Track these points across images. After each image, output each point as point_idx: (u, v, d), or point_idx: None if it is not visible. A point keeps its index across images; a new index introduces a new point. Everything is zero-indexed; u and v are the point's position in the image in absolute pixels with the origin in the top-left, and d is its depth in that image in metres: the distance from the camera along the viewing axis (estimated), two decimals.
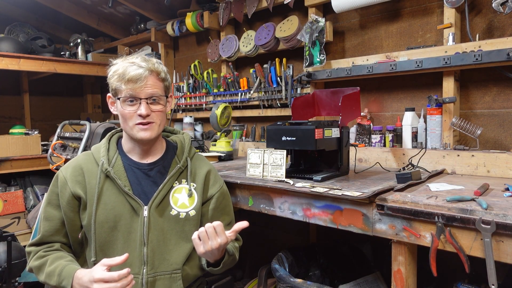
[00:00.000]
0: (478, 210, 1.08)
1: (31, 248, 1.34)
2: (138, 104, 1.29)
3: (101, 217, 1.29)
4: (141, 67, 1.27)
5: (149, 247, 1.29)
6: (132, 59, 1.30)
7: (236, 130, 2.82)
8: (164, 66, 1.37)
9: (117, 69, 1.29)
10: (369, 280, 1.82)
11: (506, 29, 1.77)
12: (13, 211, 3.05)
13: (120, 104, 1.30)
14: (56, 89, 4.43)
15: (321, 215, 1.41)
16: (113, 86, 1.31)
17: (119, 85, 1.28)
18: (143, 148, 1.37)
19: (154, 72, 1.30)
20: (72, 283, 1.19)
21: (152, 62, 1.31)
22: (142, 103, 1.28)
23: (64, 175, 1.34)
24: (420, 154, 1.79)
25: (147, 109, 1.29)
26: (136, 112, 1.29)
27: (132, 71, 1.26)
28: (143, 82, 1.27)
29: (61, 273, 1.22)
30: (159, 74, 1.32)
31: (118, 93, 1.30)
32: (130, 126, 1.31)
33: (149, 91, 1.29)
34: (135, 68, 1.27)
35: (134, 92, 1.27)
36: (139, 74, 1.26)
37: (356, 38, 2.28)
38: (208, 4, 2.84)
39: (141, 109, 1.28)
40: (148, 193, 1.34)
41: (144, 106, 1.28)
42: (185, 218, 1.36)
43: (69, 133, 2.60)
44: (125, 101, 1.29)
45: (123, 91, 1.28)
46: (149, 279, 1.28)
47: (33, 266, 1.30)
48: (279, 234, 2.72)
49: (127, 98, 1.28)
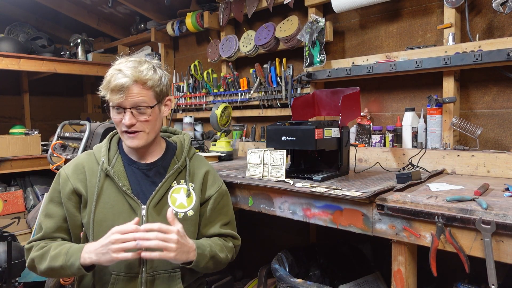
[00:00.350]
0: (478, 210, 1.08)
1: (31, 243, 1.32)
2: (123, 113, 1.28)
3: (100, 216, 1.30)
4: (126, 76, 1.24)
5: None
6: (122, 65, 1.27)
7: (236, 130, 2.82)
8: (158, 71, 1.32)
9: (107, 75, 1.28)
10: (369, 280, 1.82)
11: (506, 29, 1.77)
12: (13, 211, 3.05)
13: (111, 110, 1.31)
14: (56, 89, 4.44)
15: (321, 215, 1.41)
16: (101, 93, 1.30)
17: (106, 92, 1.28)
18: (140, 151, 1.38)
19: (139, 82, 1.26)
20: (80, 257, 1.19)
21: (139, 70, 1.26)
22: (127, 113, 1.27)
23: (66, 172, 1.36)
24: (420, 154, 1.79)
25: (131, 119, 1.28)
26: (121, 121, 1.29)
27: (116, 80, 1.24)
28: (124, 92, 1.24)
29: (68, 252, 1.22)
30: (146, 83, 1.27)
31: (106, 100, 1.31)
32: (120, 132, 1.34)
33: (133, 100, 1.26)
34: (119, 77, 1.24)
35: (120, 101, 1.26)
36: (122, 84, 1.24)
37: (356, 38, 2.28)
38: (208, 4, 2.84)
39: (125, 118, 1.28)
40: (146, 192, 1.35)
41: (128, 116, 1.27)
42: (183, 218, 1.35)
43: (69, 133, 2.60)
44: (113, 109, 1.30)
45: (110, 99, 1.28)
46: (148, 278, 1.28)
47: (35, 256, 1.28)
48: (279, 234, 2.72)
49: (114, 106, 1.29)
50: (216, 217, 1.44)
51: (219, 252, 1.36)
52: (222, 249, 1.39)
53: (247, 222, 2.77)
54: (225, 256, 1.38)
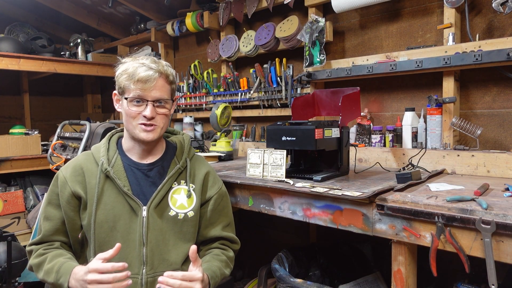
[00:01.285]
0: (478, 210, 1.08)
1: (31, 247, 1.34)
2: (145, 106, 1.29)
3: (101, 217, 1.29)
4: (151, 69, 1.28)
5: (148, 248, 1.29)
6: (142, 60, 1.30)
7: (236, 130, 2.82)
8: (172, 69, 1.38)
9: (126, 68, 1.29)
10: (369, 280, 1.82)
11: (506, 29, 1.77)
12: (13, 211, 3.05)
13: (126, 103, 1.30)
14: (56, 89, 4.43)
15: (321, 215, 1.41)
16: (121, 84, 1.31)
17: (128, 84, 1.28)
18: (143, 148, 1.37)
19: (163, 75, 1.31)
20: (69, 280, 1.19)
21: (162, 64, 1.32)
22: (149, 105, 1.29)
23: (64, 175, 1.35)
24: (420, 154, 1.79)
25: (153, 112, 1.29)
26: (141, 113, 1.29)
27: (142, 72, 1.27)
28: (152, 83, 1.28)
29: (59, 270, 1.22)
30: (168, 77, 1.33)
31: (125, 92, 1.31)
32: (133, 125, 1.31)
33: (157, 93, 1.30)
34: (145, 69, 1.27)
35: (142, 93, 1.28)
36: (149, 75, 1.27)
37: (356, 38, 2.28)
38: (208, 4, 2.84)
39: (147, 110, 1.28)
40: (147, 193, 1.34)
41: (150, 108, 1.29)
42: (184, 219, 1.36)
43: (69, 133, 2.60)
44: (132, 101, 1.29)
45: (132, 90, 1.28)
46: (149, 279, 1.28)
47: (33, 263, 1.30)
48: (279, 234, 2.72)
49: (134, 98, 1.29)
50: (217, 219, 1.44)
51: (225, 269, 1.38)
52: (227, 264, 1.41)
53: (247, 222, 2.77)
54: (229, 270, 1.41)
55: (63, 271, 1.21)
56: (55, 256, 1.28)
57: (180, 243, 1.35)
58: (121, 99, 1.34)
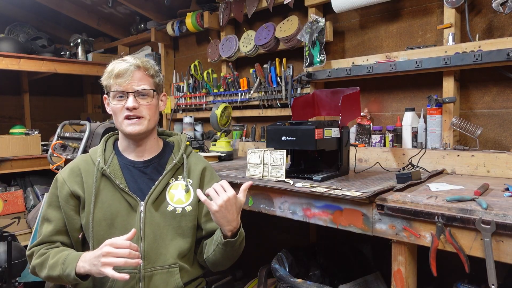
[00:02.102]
0: (478, 210, 1.08)
1: (32, 249, 1.34)
2: (126, 99, 1.32)
3: (99, 215, 1.31)
4: (128, 62, 1.32)
5: (145, 242, 1.30)
6: (123, 58, 1.36)
7: (236, 130, 2.82)
8: (155, 65, 1.41)
9: (107, 68, 1.35)
10: (369, 280, 1.82)
11: (506, 29, 1.77)
12: (13, 211, 3.05)
13: (110, 100, 1.34)
14: (56, 89, 4.43)
15: (321, 215, 1.41)
16: (104, 83, 1.35)
17: (109, 81, 1.33)
18: (137, 144, 1.39)
19: (141, 68, 1.34)
20: (76, 266, 1.19)
21: (141, 59, 1.36)
22: (130, 96, 1.31)
23: (62, 177, 1.37)
24: (420, 154, 1.79)
25: (134, 102, 1.31)
26: (124, 106, 1.32)
27: (120, 67, 1.31)
28: (129, 76, 1.31)
29: (64, 262, 1.22)
30: (147, 70, 1.35)
31: (108, 89, 1.35)
32: (119, 121, 1.34)
33: (136, 85, 1.32)
34: (123, 64, 1.32)
35: (122, 86, 1.31)
36: (125, 69, 1.30)
37: (356, 38, 2.28)
38: (208, 4, 2.84)
39: (129, 101, 1.31)
40: (144, 189, 1.36)
41: (131, 99, 1.31)
42: (181, 214, 1.36)
43: (69, 133, 2.60)
44: (115, 97, 1.33)
45: (112, 86, 1.32)
46: (147, 273, 1.29)
47: (35, 264, 1.30)
48: (279, 234, 2.72)
49: (117, 94, 1.32)
50: None
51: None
52: None
53: (247, 222, 2.77)
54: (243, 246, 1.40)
55: (69, 261, 1.22)
56: (57, 252, 1.29)
57: (179, 238, 1.35)
58: (108, 99, 1.37)
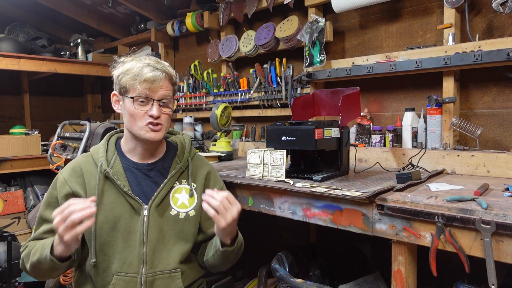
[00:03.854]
0: (478, 210, 1.08)
1: (25, 245, 1.33)
2: (150, 105, 1.30)
3: (101, 218, 1.29)
4: (158, 69, 1.30)
5: (148, 247, 1.29)
6: (146, 60, 1.31)
7: (236, 130, 2.82)
8: (173, 70, 1.40)
9: (130, 68, 1.29)
10: (369, 280, 1.82)
11: (506, 29, 1.77)
12: (13, 211, 3.05)
13: (130, 103, 1.30)
14: (56, 89, 4.44)
15: (321, 215, 1.41)
16: (124, 84, 1.30)
17: (133, 83, 1.28)
18: (146, 148, 1.37)
19: (168, 75, 1.33)
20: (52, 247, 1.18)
21: (165, 65, 1.34)
22: (155, 104, 1.30)
23: (63, 176, 1.35)
24: (420, 154, 1.79)
25: (159, 111, 1.30)
26: (146, 113, 1.30)
27: (148, 72, 1.28)
28: (159, 84, 1.29)
29: (43, 244, 1.23)
30: (172, 78, 1.36)
31: (130, 92, 1.30)
32: (139, 126, 1.31)
33: (162, 93, 1.31)
34: (151, 69, 1.28)
35: (150, 92, 1.29)
36: (156, 75, 1.28)
37: (356, 38, 2.28)
38: (208, 4, 2.84)
39: (153, 110, 1.29)
40: (147, 193, 1.34)
41: (156, 107, 1.30)
42: (185, 218, 1.36)
43: (69, 133, 2.60)
44: (137, 101, 1.29)
45: (137, 90, 1.28)
46: (148, 278, 1.28)
47: (24, 256, 1.30)
48: (279, 234, 2.72)
49: (140, 97, 1.29)
50: None
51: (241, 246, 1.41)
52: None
53: (247, 222, 2.77)
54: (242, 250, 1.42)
55: (48, 243, 1.21)
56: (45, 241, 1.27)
57: (181, 242, 1.35)
58: (121, 99, 1.34)
